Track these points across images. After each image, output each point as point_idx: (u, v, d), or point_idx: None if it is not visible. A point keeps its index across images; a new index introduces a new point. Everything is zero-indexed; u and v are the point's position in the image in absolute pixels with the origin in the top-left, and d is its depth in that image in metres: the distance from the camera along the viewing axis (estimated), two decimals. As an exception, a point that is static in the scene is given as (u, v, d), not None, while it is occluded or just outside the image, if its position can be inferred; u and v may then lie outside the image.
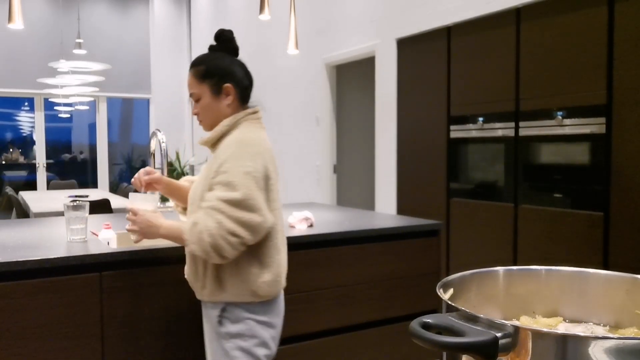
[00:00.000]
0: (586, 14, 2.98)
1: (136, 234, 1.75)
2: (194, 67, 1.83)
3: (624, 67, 2.82)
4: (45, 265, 1.91)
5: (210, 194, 1.68)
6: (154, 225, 1.72)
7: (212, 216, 1.64)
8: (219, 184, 1.68)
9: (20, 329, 1.88)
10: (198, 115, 1.83)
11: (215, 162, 1.74)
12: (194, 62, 1.84)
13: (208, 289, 1.78)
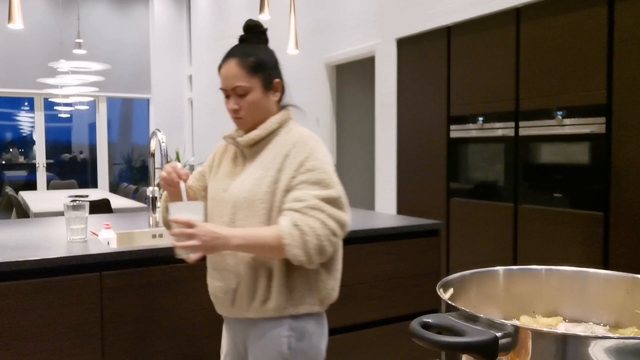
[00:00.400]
0: (586, 14, 2.98)
1: (196, 250, 1.45)
2: (243, 58, 1.61)
3: (624, 67, 2.82)
4: (45, 265, 1.91)
5: (300, 194, 1.50)
6: (221, 236, 1.45)
7: (313, 216, 1.48)
8: (305, 182, 1.52)
9: (20, 329, 1.88)
10: (239, 110, 1.60)
11: (285, 161, 1.56)
12: (239, 52, 1.63)
13: (274, 303, 1.54)
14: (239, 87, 1.59)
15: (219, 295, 1.62)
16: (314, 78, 5.92)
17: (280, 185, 1.54)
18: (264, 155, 1.61)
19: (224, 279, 1.59)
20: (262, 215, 1.54)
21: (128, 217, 3.24)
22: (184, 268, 2.15)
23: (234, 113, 1.61)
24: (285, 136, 1.62)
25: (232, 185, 1.61)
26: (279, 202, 1.54)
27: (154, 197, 2.76)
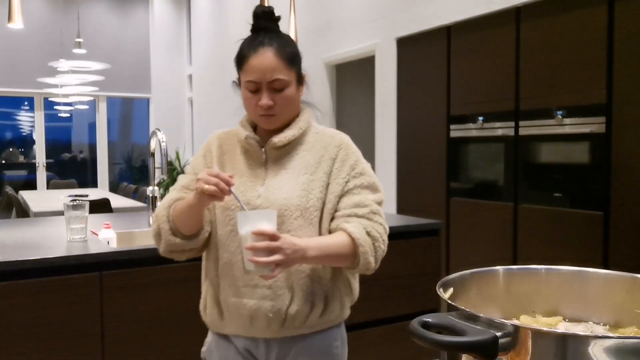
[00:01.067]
0: (586, 13, 2.98)
1: (279, 265, 1.27)
2: (280, 49, 1.42)
3: (624, 66, 2.82)
4: (45, 265, 1.91)
5: (360, 198, 1.43)
6: (300, 248, 1.30)
7: (377, 221, 1.42)
8: (360, 187, 1.45)
9: (20, 328, 1.88)
10: (274, 107, 1.41)
11: (334, 165, 1.47)
12: (274, 42, 1.42)
13: (332, 314, 1.47)
14: (278, 80, 1.40)
15: (266, 316, 1.40)
16: (313, 78, 5.91)
17: (333, 190, 1.44)
18: (299, 157, 1.47)
19: (274, 296, 1.39)
20: (316, 223, 1.42)
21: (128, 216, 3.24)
22: (184, 268, 2.16)
23: (266, 110, 1.41)
24: (319, 136, 1.52)
25: (267, 191, 1.42)
26: (331, 208, 1.44)
27: (153, 196, 2.76)
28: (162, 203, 1.48)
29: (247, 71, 1.41)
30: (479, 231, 3.66)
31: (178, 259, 1.50)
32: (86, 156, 9.85)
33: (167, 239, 1.43)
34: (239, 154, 1.50)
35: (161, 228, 1.43)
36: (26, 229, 2.62)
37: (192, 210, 1.37)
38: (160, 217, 1.44)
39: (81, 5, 8.25)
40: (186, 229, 1.42)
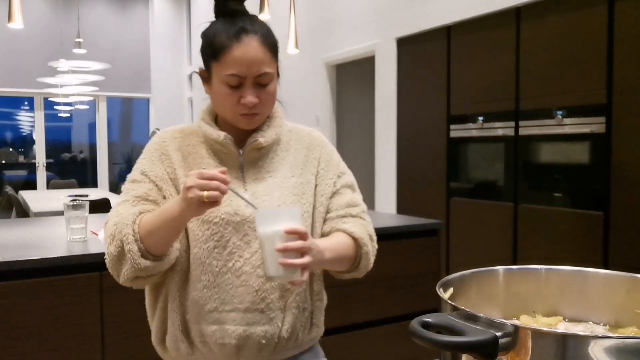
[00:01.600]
0: (586, 13, 2.98)
1: (307, 268, 1.11)
2: (265, 37, 1.23)
3: (624, 66, 2.82)
4: (45, 264, 1.91)
5: (350, 198, 1.36)
6: (320, 249, 1.17)
7: (369, 221, 1.37)
8: (345, 186, 1.37)
9: (20, 328, 1.88)
10: (258, 105, 1.23)
11: (319, 165, 1.35)
12: (257, 29, 1.23)
13: (319, 327, 1.37)
14: (265, 74, 1.21)
15: (258, 343, 1.22)
16: (313, 78, 5.92)
17: (323, 192, 1.32)
18: (279, 158, 1.32)
19: (267, 320, 1.22)
20: (308, 229, 1.27)
21: (128, 216, 3.24)
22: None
23: (249, 108, 1.22)
24: (294, 134, 1.37)
25: (255, 198, 1.25)
26: (323, 211, 1.32)
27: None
28: (118, 219, 1.19)
29: (227, 63, 1.20)
30: (479, 231, 3.66)
31: (138, 287, 1.23)
32: (86, 156, 9.85)
33: (135, 262, 1.15)
34: (206, 157, 1.28)
35: (128, 250, 1.14)
36: (26, 229, 2.62)
37: (173, 224, 1.13)
38: (125, 235, 1.15)
39: (81, 5, 8.25)
40: (159, 248, 1.16)
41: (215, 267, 1.21)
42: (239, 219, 1.22)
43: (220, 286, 1.21)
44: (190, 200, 1.08)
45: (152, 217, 1.17)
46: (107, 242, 1.20)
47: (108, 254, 1.19)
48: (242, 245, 1.22)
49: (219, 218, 1.21)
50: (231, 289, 1.20)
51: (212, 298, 1.21)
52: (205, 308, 1.21)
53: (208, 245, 1.21)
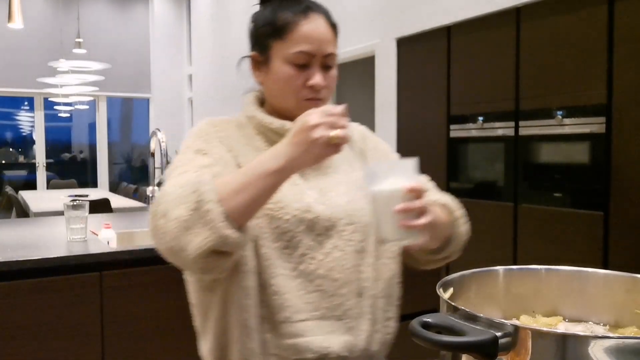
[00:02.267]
0: (586, 13, 2.98)
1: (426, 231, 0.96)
2: (331, 20, 1.16)
3: (624, 67, 2.82)
4: (45, 265, 1.91)
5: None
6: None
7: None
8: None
9: (20, 328, 1.88)
10: (323, 90, 1.13)
11: (377, 155, 1.26)
12: (321, 9, 1.15)
13: (394, 333, 1.22)
14: (333, 55, 1.13)
15: (338, 357, 1.07)
16: (314, 78, 5.91)
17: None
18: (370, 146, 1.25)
19: (347, 329, 1.09)
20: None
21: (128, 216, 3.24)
22: (184, 268, 2.16)
23: (316, 92, 1.12)
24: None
25: (323, 194, 1.13)
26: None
27: (154, 196, 2.76)
28: (184, 179, 0.97)
29: (295, 40, 1.09)
30: (479, 231, 3.65)
31: (208, 272, 0.98)
32: (86, 156, 9.85)
33: (216, 228, 0.89)
34: (263, 149, 1.12)
35: (206, 211, 0.89)
36: (26, 229, 2.62)
37: (272, 180, 0.92)
38: (203, 194, 0.91)
39: (81, 5, 8.25)
40: (245, 213, 0.93)
41: (285, 270, 1.06)
42: (312, 216, 1.08)
43: (292, 292, 1.06)
44: (313, 142, 0.89)
45: (238, 174, 0.95)
46: (168, 205, 0.93)
47: (173, 219, 0.91)
48: (315, 245, 1.08)
49: (290, 215, 1.07)
50: (304, 295, 1.06)
51: (282, 306, 1.06)
52: (278, 317, 1.06)
53: (277, 246, 1.06)
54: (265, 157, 0.93)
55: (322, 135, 0.90)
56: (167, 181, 1.02)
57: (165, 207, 0.94)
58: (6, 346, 1.86)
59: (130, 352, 2.06)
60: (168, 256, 0.97)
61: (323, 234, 1.09)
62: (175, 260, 0.97)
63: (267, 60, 1.14)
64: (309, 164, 0.93)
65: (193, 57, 9.24)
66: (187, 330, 2.15)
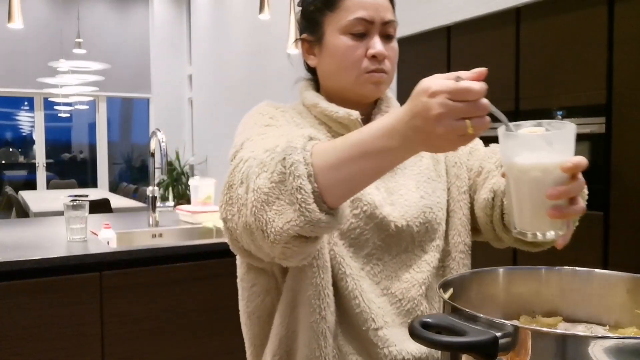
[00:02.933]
0: (586, 13, 2.98)
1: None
2: None
3: (624, 67, 2.82)
4: (45, 265, 1.91)
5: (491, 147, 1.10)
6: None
7: None
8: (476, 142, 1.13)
9: (20, 329, 1.88)
10: (386, 61, 1.01)
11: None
12: None
13: None
14: (393, 23, 1.02)
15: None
16: (313, 78, 5.91)
17: (456, 161, 1.09)
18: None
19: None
20: (444, 210, 1.08)
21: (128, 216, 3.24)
22: (184, 268, 2.16)
23: (379, 62, 0.99)
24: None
25: (392, 193, 1.02)
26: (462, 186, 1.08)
27: (153, 196, 2.76)
28: (275, 141, 0.80)
29: (350, 8, 0.98)
30: (479, 231, 3.66)
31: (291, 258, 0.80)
32: (86, 156, 9.85)
33: (305, 208, 0.72)
34: (326, 139, 0.91)
35: (296, 188, 0.72)
36: (26, 229, 2.62)
37: (381, 161, 0.73)
38: (293, 165, 0.73)
39: (81, 5, 8.25)
40: (340, 194, 0.75)
41: (351, 269, 0.96)
42: (381, 214, 0.98)
43: (362, 296, 0.96)
44: (439, 136, 0.66)
45: (337, 146, 0.74)
46: (249, 172, 0.78)
47: (253, 190, 0.76)
48: (383, 246, 0.99)
49: (360, 210, 0.95)
50: (371, 299, 0.97)
51: (351, 313, 0.96)
52: (349, 324, 0.97)
53: (344, 242, 0.96)
54: (374, 132, 0.72)
55: (454, 129, 0.66)
56: (240, 152, 0.87)
57: (246, 174, 0.78)
58: (6, 346, 1.86)
59: (130, 352, 2.06)
60: (244, 236, 0.80)
61: (394, 236, 0.99)
62: (250, 241, 0.80)
63: (320, 38, 1.03)
64: (426, 150, 0.73)
65: (193, 57, 9.25)
66: (187, 331, 2.15)
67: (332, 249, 0.94)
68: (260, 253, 0.82)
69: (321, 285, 0.93)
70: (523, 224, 0.76)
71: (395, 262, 1.00)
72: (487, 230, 1.09)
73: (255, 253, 0.84)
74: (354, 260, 0.97)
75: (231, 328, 1.82)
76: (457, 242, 1.10)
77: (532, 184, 0.73)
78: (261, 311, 1.02)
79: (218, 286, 2.19)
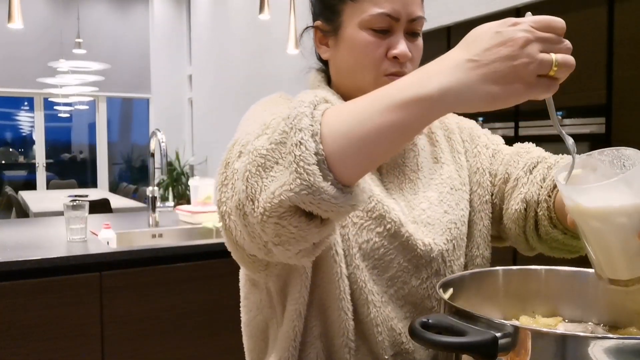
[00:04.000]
0: (586, 13, 2.98)
1: None
2: None
3: (624, 67, 2.82)
4: (45, 265, 1.91)
5: (516, 147, 1.02)
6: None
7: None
8: (499, 143, 1.06)
9: (20, 329, 1.88)
10: (410, 62, 0.90)
11: (463, 135, 1.04)
12: None
13: None
14: (421, 20, 0.90)
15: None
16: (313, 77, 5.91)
17: (480, 165, 1.00)
18: (417, 148, 0.97)
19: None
20: (464, 220, 0.99)
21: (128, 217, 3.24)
22: (183, 268, 2.16)
23: (400, 65, 0.89)
24: None
25: (411, 206, 0.93)
26: (484, 194, 0.99)
27: (153, 196, 2.76)
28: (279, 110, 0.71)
29: (375, 0, 0.87)
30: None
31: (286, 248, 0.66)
32: (86, 156, 9.86)
33: (307, 172, 0.59)
34: None
35: (299, 144, 0.60)
36: (26, 229, 2.62)
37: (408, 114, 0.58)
38: (298, 121, 0.61)
39: (81, 5, 8.25)
40: (355, 166, 0.61)
41: (374, 295, 0.87)
42: (407, 232, 0.88)
43: (384, 323, 0.88)
44: (518, 69, 0.57)
45: (360, 100, 0.62)
46: (248, 138, 0.68)
47: (249, 152, 0.64)
48: (410, 268, 0.90)
49: (384, 227, 0.86)
50: (392, 326, 0.89)
51: (372, 340, 0.88)
52: (368, 349, 0.89)
53: (367, 264, 0.86)
54: (406, 78, 0.61)
55: (539, 60, 0.56)
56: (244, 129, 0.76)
57: (245, 141, 0.69)
58: (6, 346, 1.86)
59: (130, 352, 2.06)
60: (236, 220, 0.69)
61: (422, 256, 0.90)
62: (242, 225, 0.68)
63: (336, 29, 0.91)
64: (483, 106, 0.58)
65: (193, 57, 9.25)
66: (186, 331, 2.15)
67: (354, 272, 0.85)
68: (253, 244, 0.70)
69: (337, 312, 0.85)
70: (618, 273, 0.69)
71: (425, 288, 0.91)
72: (519, 242, 1.03)
73: (248, 248, 0.73)
74: (377, 284, 0.87)
75: (231, 328, 1.81)
76: (475, 255, 1.01)
77: (619, 231, 0.66)
78: (253, 327, 0.95)
79: (218, 286, 2.19)
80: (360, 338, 0.88)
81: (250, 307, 0.95)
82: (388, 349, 0.88)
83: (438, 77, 0.57)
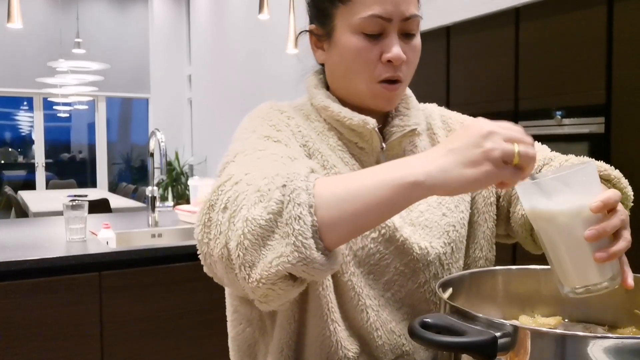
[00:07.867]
0: (586, 14, 2.98)
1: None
2: None
3: (624, 67, 2.82)
4: (44, 265, 1.91)
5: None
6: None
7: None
8: None
9: (20, 328, 1.88)
10: (405, 65, 0.88)
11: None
12: None
13: None
14: (415, 18, 0.87)
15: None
16: (313, 78, 5.91)
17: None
18: (418, 150, 0.97)
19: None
20: (464, 223, 0.99)
21: (127, 216, 3.24)
22: (183, 268, 2.16)
23: (395, 69, 0.87)
24: (421, 116, 1.01)
25: (410, 210, 0.92)
26: (488, 196, 1.00)
27: (153, 196, 2.76)
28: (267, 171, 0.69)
29: (364, 1, 0.84)
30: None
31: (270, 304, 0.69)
32: (85, 156, 9.85)
33: (304, 247, 0.62)
34: (338, 150, 0.91)
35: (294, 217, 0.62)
36: (26, 229, 2.62)
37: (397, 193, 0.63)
38: (294, 192, 0.63)
39: (81, 5, 8.25)
40: (343, 234, 0.65)
41: (371, 299, 0.87)
42: (402, 237, 0.87)
43: (383, 327, 0.88)
44: (485, 154, 0.64)
45: (349, 175, 0.68)
46: (240, 199, 0.67)
47: (245, 219, 0.64)
48: (406, 272, 0.89)
49: (378, 232, 0.86)
50: (391, 329, 0.89)
51: (372, 345, 0.88)
52: (374, 354, 0.88)
53: (362, 270, 0.86)
54: (394, 163, 0.66)
55: (502, 148, 0.65)
56: (230, 167, 0.76)
57: (233, 199, 0.67)
58: (6, 346, 1.86)
59: (130, 352, 2.06)
60: (216, 263, 0.70)
61: (420, 262, 0.89)
62: (224, 273, 0.69)
63: (330, 33, 0.90)
64: (460, 187, 0.64)
65: (192, 57, 9.24)
66: (186, 331, 2.15)
67: (350, 280, 0.84)
68: (233, 286, 0.71)
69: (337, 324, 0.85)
70: (569, 281, 0.70)
71: (423, 292, 0.91)
72: (527, 243, 1.05)
73: (227, 285, 0.74)
74: (373, 288, 0.87)
75: (231, 328, 1.82)
76: (478, 257, 1.02)
77: (563, 232, 0.69)
78: (240, 341, 0.94)
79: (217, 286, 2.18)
80: (360, 344, 0.88)
81: (239, 320, 0.94)
82: (389, 353, 0.88)
83: (423, 163, 0.64)
